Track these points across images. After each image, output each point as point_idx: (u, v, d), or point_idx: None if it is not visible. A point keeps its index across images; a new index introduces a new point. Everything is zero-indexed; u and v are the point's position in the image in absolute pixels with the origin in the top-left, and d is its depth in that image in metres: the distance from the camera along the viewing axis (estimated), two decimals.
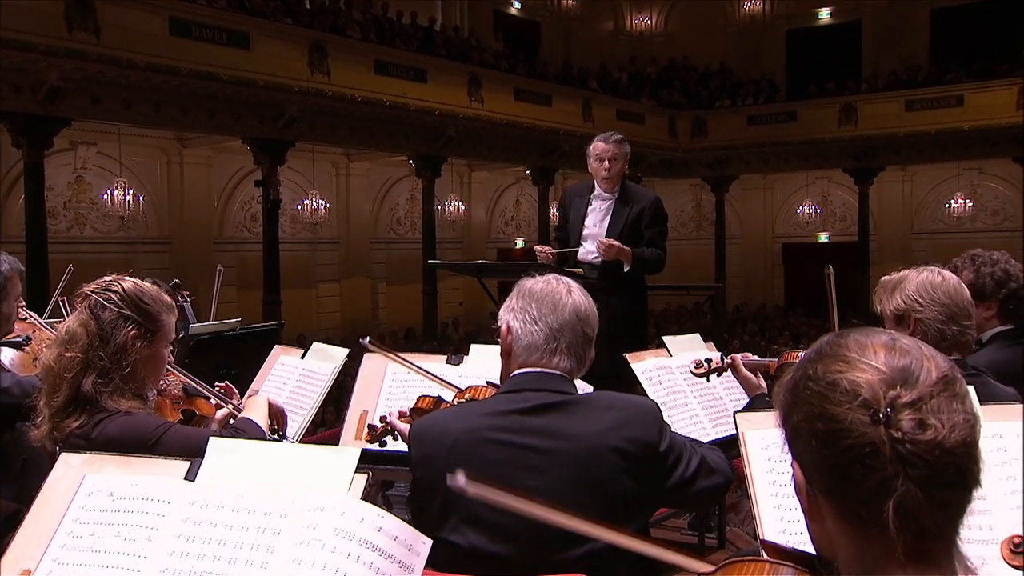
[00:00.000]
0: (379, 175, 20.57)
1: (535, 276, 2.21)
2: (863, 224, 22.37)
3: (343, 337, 17.42)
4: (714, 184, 24.29)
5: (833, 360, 1.09)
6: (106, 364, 2.32)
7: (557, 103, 20.09)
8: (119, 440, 2.19)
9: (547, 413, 2.05)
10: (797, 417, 1.10)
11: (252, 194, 17.17)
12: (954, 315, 2.56)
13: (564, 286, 2.16)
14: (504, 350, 2.19)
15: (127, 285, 2.43)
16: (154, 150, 16.51)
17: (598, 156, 5.11)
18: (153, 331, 2.42)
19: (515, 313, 2.15)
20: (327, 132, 15.87)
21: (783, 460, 2.18)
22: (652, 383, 3.36)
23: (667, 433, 2.10)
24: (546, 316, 2.10)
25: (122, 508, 1.67)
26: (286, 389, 3.67)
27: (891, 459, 1.00)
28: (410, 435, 2.17)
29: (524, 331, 2.12)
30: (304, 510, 1.56)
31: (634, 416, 2.07)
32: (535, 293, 2.14)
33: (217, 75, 13.36)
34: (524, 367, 2.13)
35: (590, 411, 2.07)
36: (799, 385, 1.11)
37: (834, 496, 1.06)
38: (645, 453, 2.03)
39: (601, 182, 5.13)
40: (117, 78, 12.42)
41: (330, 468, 1.63)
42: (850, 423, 1.03)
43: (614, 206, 5.10)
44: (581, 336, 2.13)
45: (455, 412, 2.30)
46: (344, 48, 15.66)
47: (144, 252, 16.02)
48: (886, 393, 1.03)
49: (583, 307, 2.14)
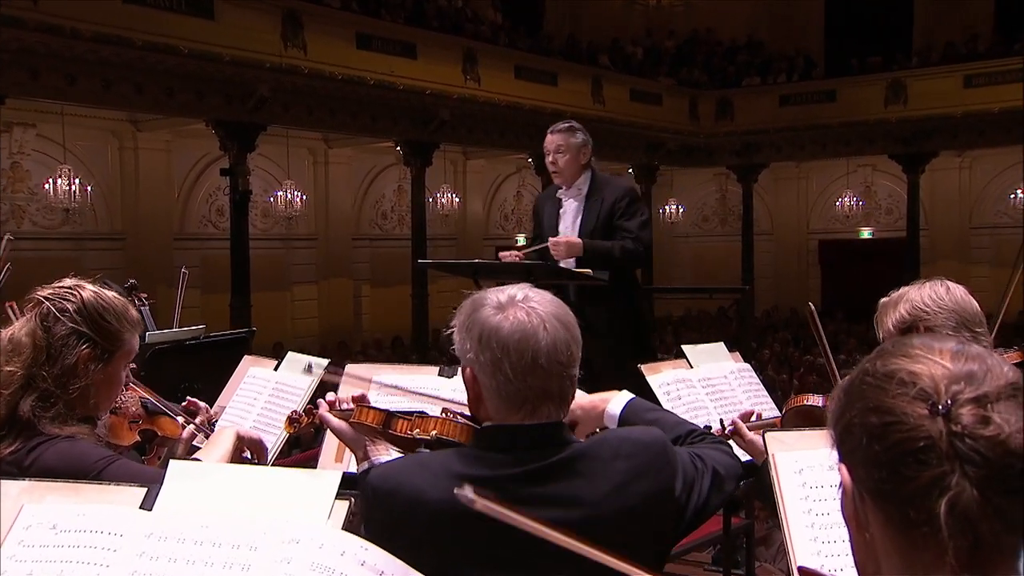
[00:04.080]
0: (362, 163, 20.58)
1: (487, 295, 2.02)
2: (913, 218, 22.32)
3: (322, 346, 17.45)
4: (741, 173, 24.31)
5: (894, 356, 1.12)
6: (49, 387, 2.26)
7: (563, 82, 20.12)
8: (55, 471, 2.11)
9: (548, 479, 1.93)
10: (850, 414, 1.12)
11: (218, 184, 17.16)
12: (965, 321, 2.60)
13: (537, 318, 1.94)
14: (471, 394, 2.05)
15: (86, 295, 2.35)
16: (104, 133, 16.50)
17: (545, 150, 5.18)
18: (111, 352, 2.35)
19: (483, 367, 1.96)
20: (303, 114, 15.87)
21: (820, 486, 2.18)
22: (670, 398, 3.36)
23: (678, 467, 2.04)
24: (526, 374, 1.92)
25: (67, 543, 1.65)
26: (257, 405, 3.66)
27: (947, 455, 1.02)
28: (368, 484, 2.00)
29: (498, 390, 1.96)
30: (277, 542, 1.56)
31: (645, 462, 1.99)
32: (503, 338, 1.93)
33: (177, 48, 13.34)
34: (503, 423, 1.99)
35: (593, 466, 1.97)
36: (855, 382, 1.15)
37: (882, 497, 1.08)
38: (662, 503, 2.00)
39: (554, 179, 5.22)
40: (60, 49, 12.34)
41: (307, 494, 1.63)
42: (906, 414, 1.06)
43: (584, 203, 5.17)
44: (567, 382, 1.99)
45: (423, 471, 2.00)
46: (322, 19, 15.67)
47: (93, 250, 16.01)
48: (948, 387, 1.06)
49: (563, 346, 1.96)
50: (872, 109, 22.02)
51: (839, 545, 2.07)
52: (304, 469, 1.83)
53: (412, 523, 1.90)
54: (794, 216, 26.16)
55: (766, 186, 25.46)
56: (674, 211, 25.55)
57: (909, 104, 21.69)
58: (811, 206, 26.09)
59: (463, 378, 2.05)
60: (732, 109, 23.92)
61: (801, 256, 26.05)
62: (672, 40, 25.73)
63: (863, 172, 24.55)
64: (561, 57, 21.24)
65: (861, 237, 24.99)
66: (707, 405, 3.43)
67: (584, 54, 22.34)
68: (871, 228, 24.87)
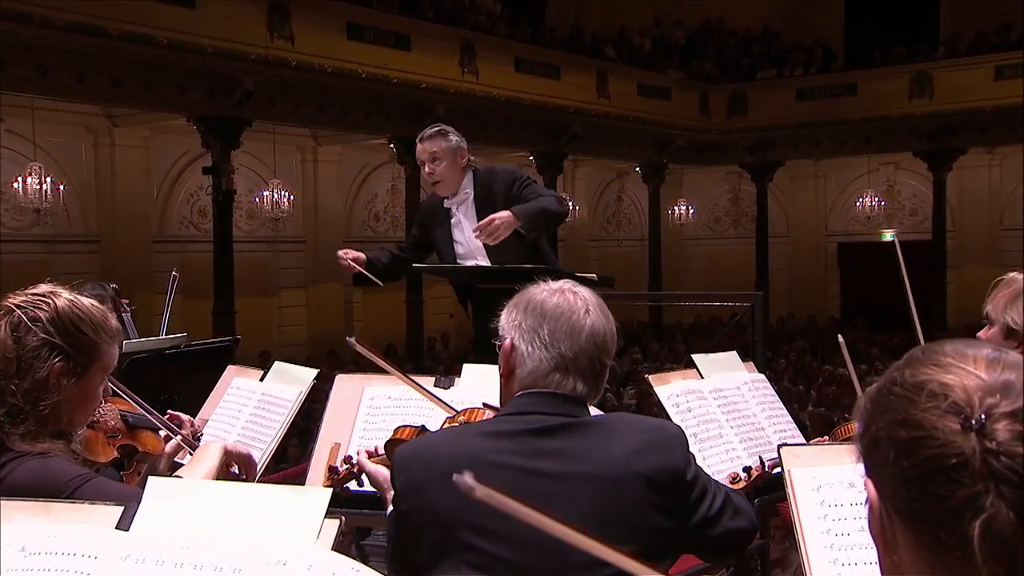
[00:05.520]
0: (353, 162, 20.60)
1: (545, 281, 2.25)
2: (939, 219, 22.38)
3: (310, 355, 17.44)
4: (755, 172, 24.33)
5: (925, 364, 1.11)
6: (18, 403, 2.22)
7: (566, 75, 20.11)
8: (25, 490, 2.07)
9: (561, 434, 2.10)
10: (876, 427, 1.12)
11: (200, 183, 17.18)
12: None
13: (582, 302, 2.20)
14: (504, 370, 2.24)
15: (61, 303, 2.31)
16: (78, 129, 16.49)
17: (419, 162, 5.01)
18: (86, 365, 2.32)
19: (522, 333, 2.19)
20: (291, 109, 15.90)
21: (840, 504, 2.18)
22: (679, 410, 3.36)
23: (693, 463, 2.17)
24: (560, 342, 2.15)
25: (36, 566, 1.64)
26: (241, 418, 3.67)
27: (981, 473, 1.01)
28: (393, 463, 2.20)
29: (531, 355, 2.17)
30: (263, 564, 1.55)
31: (659, 440, 2.14)
32: (547, 310, 2.18)
33: (155, 38, 13.29)
34: (530, 389, 2.18)
35: (610, 433, 2.13)
36: (882, 391, 1.13)
37: (912, 517, 1.07)
38: (672, 482, 2.09)
39: (436, 189, 5.03)
40: (30, 39, 12.30)
41: (295, 513, 1.63)
42: (936, 429, 1.04)
43: (476, 207, 4.97)
44: (597, 365, 2.19)
45: (447, 434, 2.36)
46: (311, 7, 15.66)
47: (66, 253, 15.97)
48: (983, 400, 1.04)
49: (601, 331, 2.19)
50: (896, 103, 21.97)
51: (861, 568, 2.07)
52: (291, 486, 1.83)
53: (430, 480, 2.07)
54: (811, 217, 26.18)
55: (782, 186, 25.48)
56: (684, 212, 25.58)
57: (935, 98, 21.63)
58: (830, 207, 26.11)
59: (500, 352, 2.25)
60: (746, 104, 23.92)
61: (819, 260, 26.08)
62: (682, 31, 25.77)
63: (885, 170, 24.57)
64: (564, 49, 21.23)
65: (883, 240, 24.95)
66: (719, 418, 3.43)
67: (588, 46, 22.34)
68: (894, 230, 24.79)
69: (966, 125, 21.40)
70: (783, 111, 23.31)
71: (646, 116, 21.89)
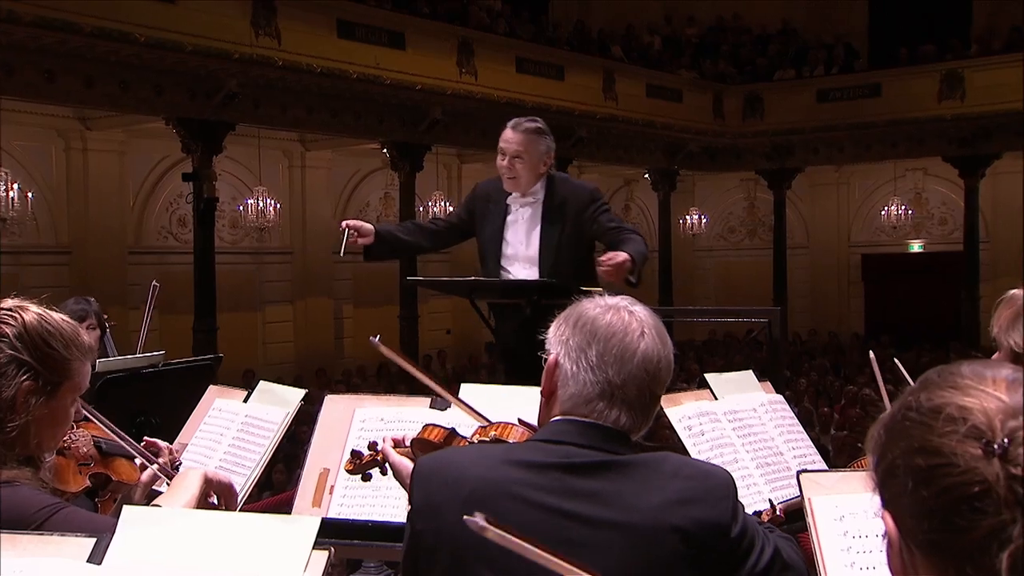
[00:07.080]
0: (344, 168, 20.64)
1: (602, 296, 2.21)
2: (971, 229, 22.34)
3: (298, 374, 17.43)
4: (773, 179, 24.35)
5: (941, 387, 1.10)
6: None
7: (571, 76, 20.17)
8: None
9: (598, 474, 2.06)
10: (892, 455, 1.11)
11: (179, 191, 17.18)
12: None
13: (637, 323, 2.15)
14: (546, 388, 2.20)
15: (29, 318, 2.29)
16: (47, 132, 16.51)
17: (500, 148, 4.88)
18: (56, 384, 2.29)
19: (569, 350, 2.14)
20: (276, 112, 15.93)
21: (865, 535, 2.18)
22: (692, 434, 3.35)
23: (741, 514, 2.10)
24: (608, 365, 2.10)
25: None
26: (223, 443, 3.66)
27: (1006, 502, 1.00)
28: (413, 474, 2.18)
29: (575, 376, 2.12)
30: None
31: (704, 489, 2.08)
32: (598, 329, 2.13)
33: (132, 35, 13.29)
34: (569, 415, 2.14)
35: (649, 477, 2.07)
36: (896, 418, 1.13)
37: (935, 551, 1.06)
38: (713, 538, 2.04)
39: (505, 183, 4.91)
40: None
41: (281, 543, 1.62)
42: (956, 455, 1.04)
43: (542, 214, 4.89)
44: (647, 396, 2.14)
45: (474, 453, 2.30)
46: (298, 3, 15.68)
47: (35, 265, 15.97)
48: (1004, 423, 1.04)
49: (655, 357, 2.13)
50: (924, 105, 21.98)
51: None
52: (277, 515, 1.83)
53: (451, 503, 2.04)
54: (833, 227, 26.18)
55: (801, 193, 25.52)
56: (696, 222, 25.54)
57: (967, 99, 21.63)
58: (852, 216, 26.12)
59: (545, 367, 2.20)
60: (762, 106, 23.97)
61: (841, 273, 26.07)
62: (694, 28, 25.83)
63: (913, 177, 24.59)
64: (568, 48, 21.29)
65: (911, 251, 25.00)
66: (734, 441, 3.43)
67: (594, 44, 22.41)
68: (922, 241, 24.87)
69: (1000, 128, 21.30)
70: (802, 113, 23.34)
71: (656, 119, 21.90)
